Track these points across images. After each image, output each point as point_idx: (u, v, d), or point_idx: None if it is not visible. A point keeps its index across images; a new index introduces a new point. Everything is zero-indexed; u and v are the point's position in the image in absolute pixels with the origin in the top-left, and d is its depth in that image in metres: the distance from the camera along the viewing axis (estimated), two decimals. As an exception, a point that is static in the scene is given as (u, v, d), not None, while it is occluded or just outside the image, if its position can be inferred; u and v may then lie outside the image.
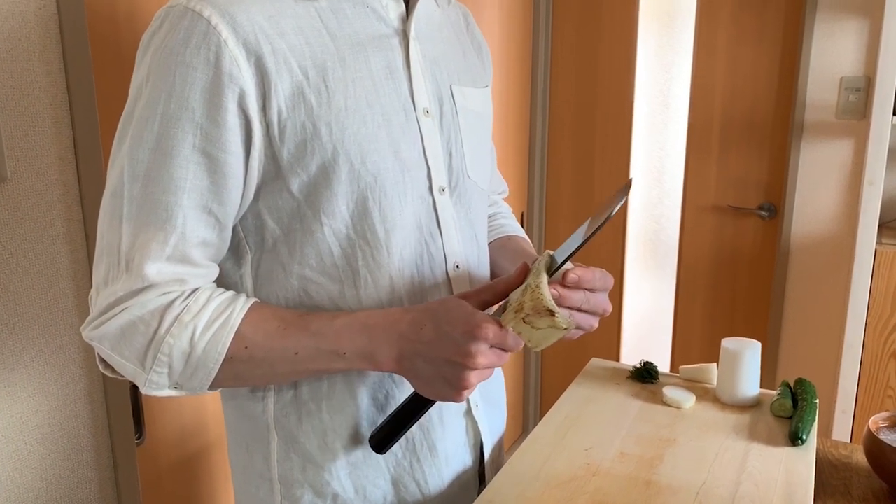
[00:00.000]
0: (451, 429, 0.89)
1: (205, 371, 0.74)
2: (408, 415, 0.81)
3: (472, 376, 0.71)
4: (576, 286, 0.75)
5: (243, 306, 0.76)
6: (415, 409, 0.80)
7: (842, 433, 2.22)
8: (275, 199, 0.77)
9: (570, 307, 0.76)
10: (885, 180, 2.26)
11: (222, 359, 0.74)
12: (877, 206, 2.07)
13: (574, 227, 2.81)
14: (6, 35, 0.98)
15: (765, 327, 2.53)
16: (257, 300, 0.78)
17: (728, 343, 1.10)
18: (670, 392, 1.11)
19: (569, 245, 0.77)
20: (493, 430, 0.98)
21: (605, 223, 0.75)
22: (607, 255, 2.76)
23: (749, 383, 1.09)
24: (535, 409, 3.00)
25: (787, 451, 0.97)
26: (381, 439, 0.82)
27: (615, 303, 2.75)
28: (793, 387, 1.11)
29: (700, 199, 2.58)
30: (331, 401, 0.83)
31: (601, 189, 2.74)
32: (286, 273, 0.80)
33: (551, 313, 0.71)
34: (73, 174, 1.09)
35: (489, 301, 0.77)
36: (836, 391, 2.21)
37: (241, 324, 0.74)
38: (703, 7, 2.46)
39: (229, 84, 0.70)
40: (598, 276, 0.77)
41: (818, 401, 1.07)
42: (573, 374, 2.80)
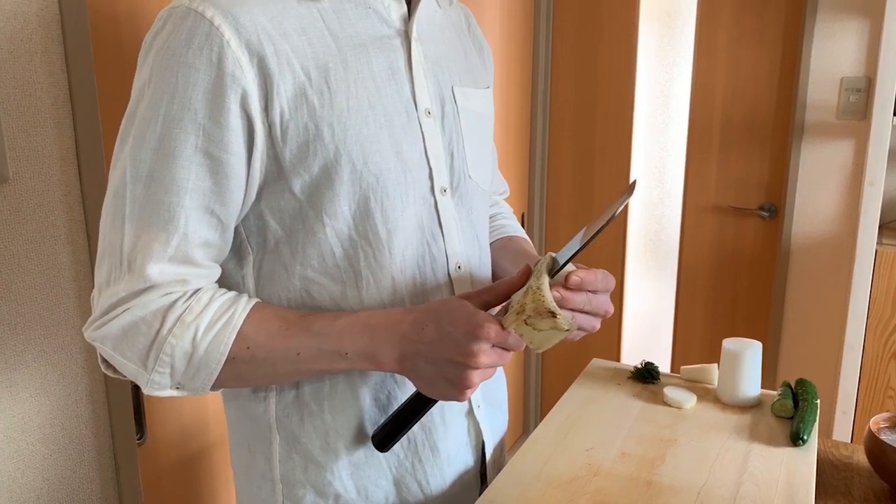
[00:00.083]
0: (452, 429, 0.89)
1: (207, 371, 0.74)
2: (410, 414, 0.81)
3: (474, 376, 0.72)
4: (578, 288, 0.75)
5: (245, 307, 0.76)
6: (417, 408, 0.80)
7: (842, 434, 2.22)
8: (277, 200, 0.77)
9: (572, 309, 0.76)
10: (886, 181, 2.26)
11: (224, 359, 0.74)
12: (877, 206, 2.07)
13: (575, 227, 2.82)
14: (8, 36, 0.98)
15: (765, 328, 2.53)
16: (259, 300, 0.79)
17: (729, 343, 1.10)
18: (671, 392, 1.11)
19: (571, 246, 0.77)
20: (495, 431, 0.98)
21: (607, 224, 0.75)
22: (608, 256, 2.76)
23: (750, 384, 1.09)
24: (536, 409, 3.00)
25: (788, 452, 0.97)
26: (384, 438, 0.82)
27: (616, 303, 2.75)
28: (794, 387, 1.11)
29: (701, 199, 2.59)
30: (333, 401, 0.83)
31: (602, 190, 2.74)
32: (288, 273, 0.80)
33: (553, 315, 0.71)
34: (74, 174, 1.09)
35: (491, 302, 0.78)
36: (836, 392, 2.21)
37: (244, 324, 0.74)
38: (704, 7, 2.46)
39: (232, 85, 0.70)
40: (600, 277, 0.77)
41: (819, 401, 1.07)
42: (574, 375, 2.80)
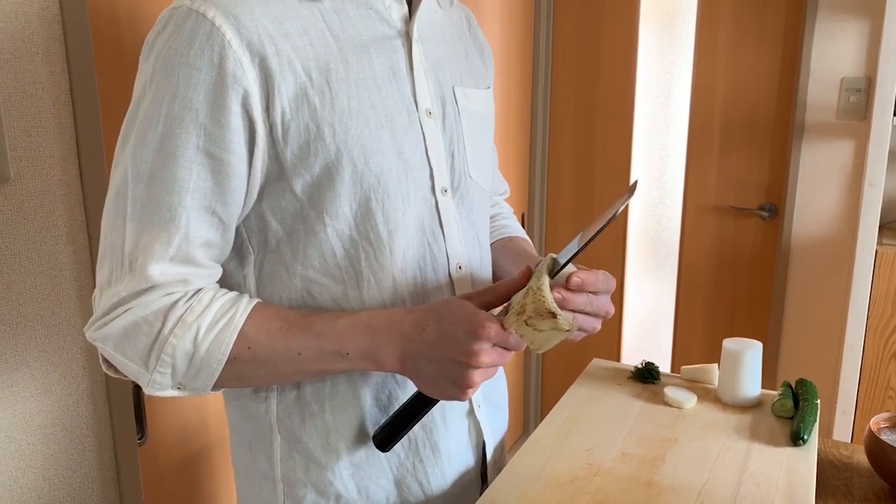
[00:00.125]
0: (453, 429, 0.90)
1: (208, 371, 0.74)
2: (411, 414, 0.81)
3: (475, 375, 0.72)
4: (579, 289, 0.75)
5: (246, 307, 0.76)
6: (418, 407, 0.81)
7: (842, 434, 2.22)
8: (278, 200, 0.77)
9: (573, 310, 0.76)
10: (886, 181, 2.26)
11: (226, 359, 0.74)
12: (877, 207, 2.07)
13: (575, 227, 2.82)
14: (10, 36, 0.98)
15: (765, 328, 2.53)
16: (260, 301, 0.79)
17: (729, 343, 1.10)
18: (672, 392, 1.12)
19: (572, 247, 0.77)
20: (495, 431, 0.98)
21: (608, 224, 0.75)
22: (608, 256, 2.76)
23: (750, 384, 1.09)
24: (536, 409, 3.00)
25: (789, 452, 0.97)
26: (385, 438, 0.82)
27: (616, 303, 2.75)
28: (794, 387, 1.11)
29: (701, 199, 2.59)
30: (334, 401, 0.83)
31: (602, 190, 2.75)
32: (289, 274, 0.80)
33: (553, 315, 0.71)
34: (75, 174, 1.09)
35: (492, 303, 0.78)
36: (836, 392, 2.21)
37: (245, 324, 0.75)
38: (704, 7, 2.46)
39: (233, 85, 0.70)
40: (601, 278, 0.77)
41: (819, 401, 1.07)
42: (574, 375, 2.81)
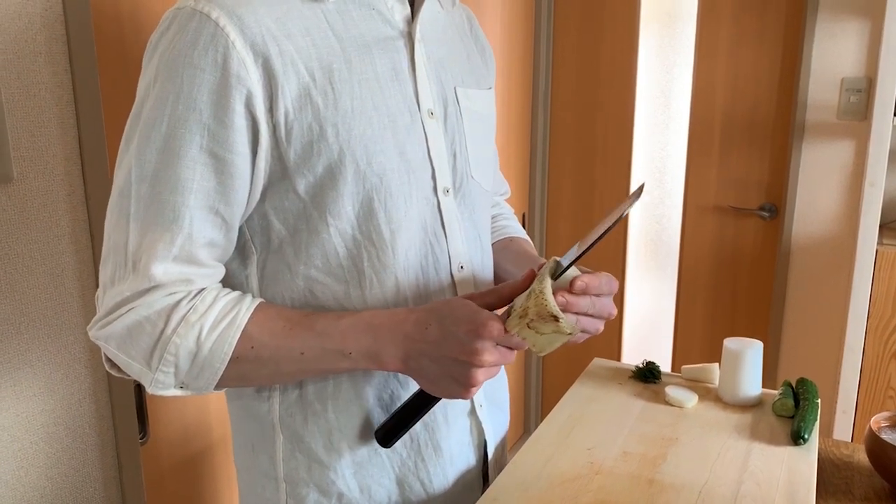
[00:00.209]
0: (455, 428, 0.90)
1: (211, 371, 0.74)
2: (414, 410, 0.81)
3: (479, 374, 0.72)
4: (583, 293, 0.75)
5: (249, 306, 0.76)
6: (421, 404, 0.81)
7: (843, 433, 2.22)
8: (281, 200, 0.77)
9: (576, 312, 0.76)
10: (886, 181, 2.26)
11: (228, 358, 0.74)
12: (878, 207, 2.07)
13: (575, 227, 2.82)
14: (13, 36, 0.98)
15: (766, 328, 2.53)
16: (263, 300, 0.79)
17: (730, 343, 1.10)
18: (672, 392, 1.12)
19: (575, 249, 0.77)
20: (497, 430, 0.98)
21: (613, 226, 0.75)
22: (609, 256, 2.77)
23: (751, 383, 1.09)
24: (537, 409, 3.01)
25: (789, 451, 0.98)
26: (387, 433, 0.82)
27: (617, 303, 2.75)
28: (794, 386, 1.11)
29: (701, 199, 2.59)
30: (336, 401, 0.83)
31: (602, 190, 2.75)
32: (292, 273, 0.80)
33: (555, 318, 0.71)
34: (78, 174, 1.09)
35: (494, 304, 0.78)
36: (836, 392, 2.21)
37: (248, 323, 0.75)
38: (705, 8, 2.46)
39: (237, 85, 0.70)
40: (604, 281, 0.77)
41: (819, 401, 1.07)
42: (575, 375, 2.81)
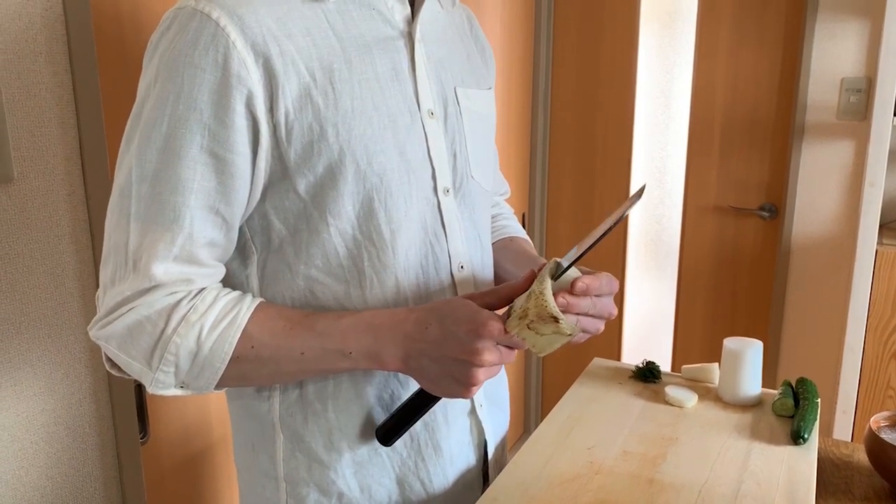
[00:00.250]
0: (455, 428, 0.90)
1: (211, 370, 0.74)
2: (414, 409, 0.81)
3: (479, 373, 0.72)
4: (584, 294, 0.75)
5: (250, 306, 0.76)
6: (421, 403, 0.81)
7: (843, 433, 2.22)
8: (281, 200, 0.77)
9: (577, 313, 0.76)
10: (886, 181, 2.26)
11: (229, 358, 0.74)
12: (877, 207, 2.07)
13: (575, 227, 2.82)
14: (13, 36, 0.98)
15: (766, 328, 2.54)
16: (263, 300, 0.79)
17: (730, 342, 1.11)
18: (672, 391, 1.12)
19: (575, 250, 0.78)
20: (497, 430, 0.98)
21: (614, 227, 0.75)
22: (609, 256, 2.77)
23: (751, 383, 1.10)
24: (537, 408, 3.01)
25: (789, 450, 0.98)
26: (387, 431, 0.83)
27: (617, 303, 2.74)
28: (794, 386, 1.11)
29: (701, 199, 2.59)
30: (336, 400, 0.83)
31: (602, 190, 2.75)
32: (292, 273, 0.80)
33: (555, 320, 0.71)
34: (78, 174, 1.09)
35: (494, 304, 0.78)
36: (836, 391, 2.21)
37: (248, 323, 0.75)
38: (705, 8, 2.46)
39: (237, 85, 0.70)
40: (605, 281, 0.77)
41: (819, 400, 1.07)
42: (575, 374, 2.81)
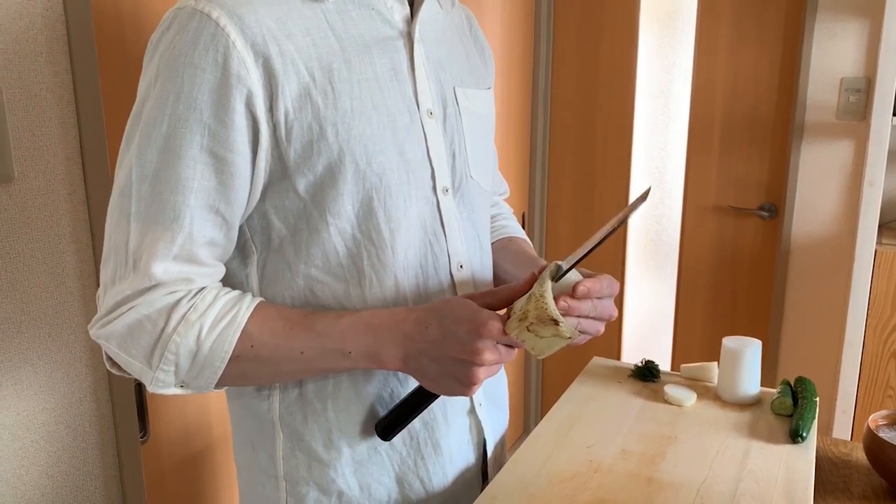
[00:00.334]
0: (454, 427, 0.90)
1: (211, 369, 0.75)
2: (414, 405, 0.81)
3: (479, 372, 0.72)
4: (585, 297, 0.75)
5: (249, 305, 0.76)
6: (421, 399, 0.81)
7: (842, 433, 2.23)
8: (281, 199, 0.77)
9: (578, 316, 0.76)
10: (886, 181, 2.26)
11: (229, 357, 0.74)
12: (877, 206, 2.07)
13: (575, 227, 2.82)
14: (13, 36, 0.98)
15: (765, 327, 2.54)
16: (263, 299, 0.79)
17: (729, 342, 1.11)
18: (671, 390, 1.12)
19: (577, 252, 0.78)
20: (496, 429, 0.99)
21: (616, 229, 0.76)
22: (609, 256, 2.77)
23: (750, 382, 1.10)
24: (537, 407, 3.01)
25: (788, 449, 0.98)
26: (387, 427, 0.83)
27: (617, 303, 2.75)
28: (793, 385, 1.12)
29: (701, 199, 2.59)
30: (336, 399, 0.84)
31: (602, 190, 2.75)
32: (292, 273, 0.80)
33: (555, 323, 0.71)
34: (79, 174, 1.09)
35: (493, 305, 0.78)
36: (836, 391, 2.21)
37: (248, 322, 0.75)
38: (704, 7, 2.46)
39: (237, 85, 0.71)
40: (606, 284, 0.78)
41: (818, 399, 1.08)
42: (574, 373, 2.81)
